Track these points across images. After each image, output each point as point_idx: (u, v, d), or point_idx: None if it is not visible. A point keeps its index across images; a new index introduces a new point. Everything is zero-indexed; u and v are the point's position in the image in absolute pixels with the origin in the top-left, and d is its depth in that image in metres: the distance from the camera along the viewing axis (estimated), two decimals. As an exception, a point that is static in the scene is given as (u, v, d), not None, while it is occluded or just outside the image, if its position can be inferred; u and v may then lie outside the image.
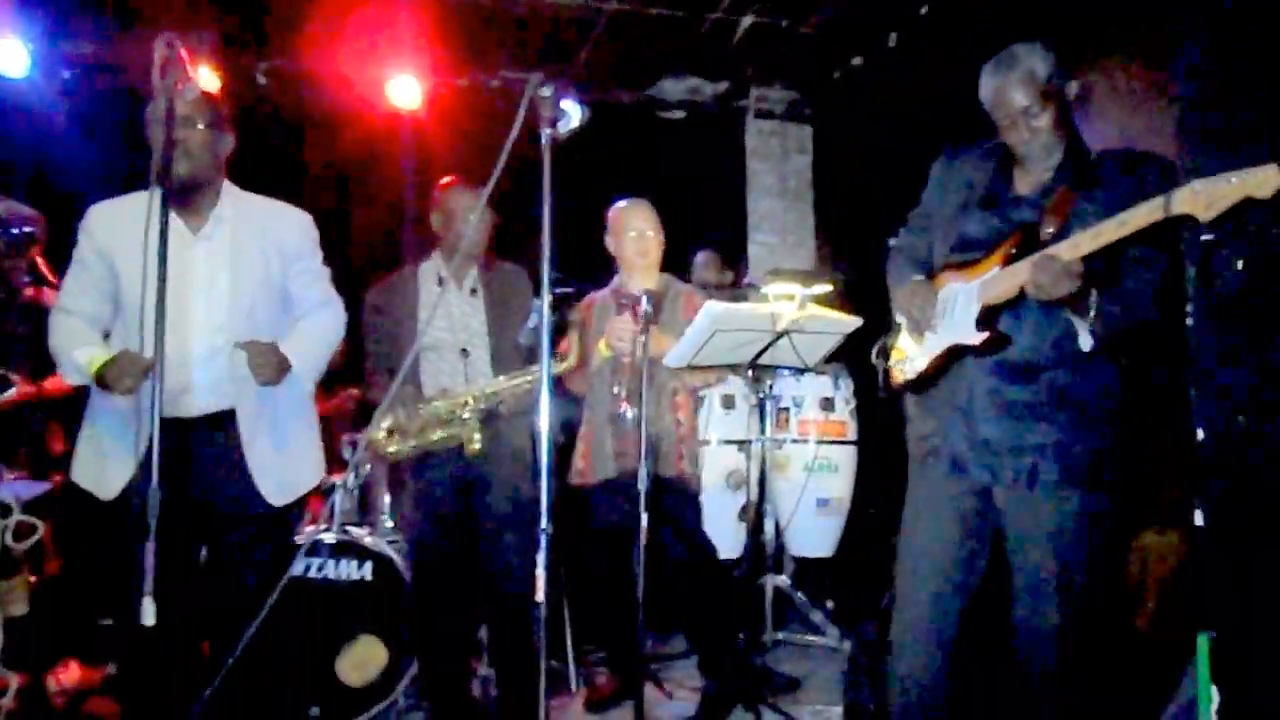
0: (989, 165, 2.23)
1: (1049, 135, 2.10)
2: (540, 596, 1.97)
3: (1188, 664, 2.05)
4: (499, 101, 4.96)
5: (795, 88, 5.56)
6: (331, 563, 3.20)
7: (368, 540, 3.29)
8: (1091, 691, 2.11)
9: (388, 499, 3.67)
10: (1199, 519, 1.77)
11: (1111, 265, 1.96)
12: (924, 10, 4.47)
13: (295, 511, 2.57)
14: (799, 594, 4.38)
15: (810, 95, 5.64)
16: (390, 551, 3.28)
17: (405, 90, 4.76)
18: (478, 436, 2.84)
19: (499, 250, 3.17)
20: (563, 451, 3.32)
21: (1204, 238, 1.87)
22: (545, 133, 2.04)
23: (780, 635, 4.23)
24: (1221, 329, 1.77)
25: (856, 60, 5.11)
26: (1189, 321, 1.81)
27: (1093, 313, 1.92)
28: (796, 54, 4.95)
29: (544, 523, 1.98)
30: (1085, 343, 1.97)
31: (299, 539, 2.72)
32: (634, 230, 3.25)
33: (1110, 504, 2.10)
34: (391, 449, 2.90)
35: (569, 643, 3.56)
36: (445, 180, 3.10)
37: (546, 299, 2.05)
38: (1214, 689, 1.72)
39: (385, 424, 2.88)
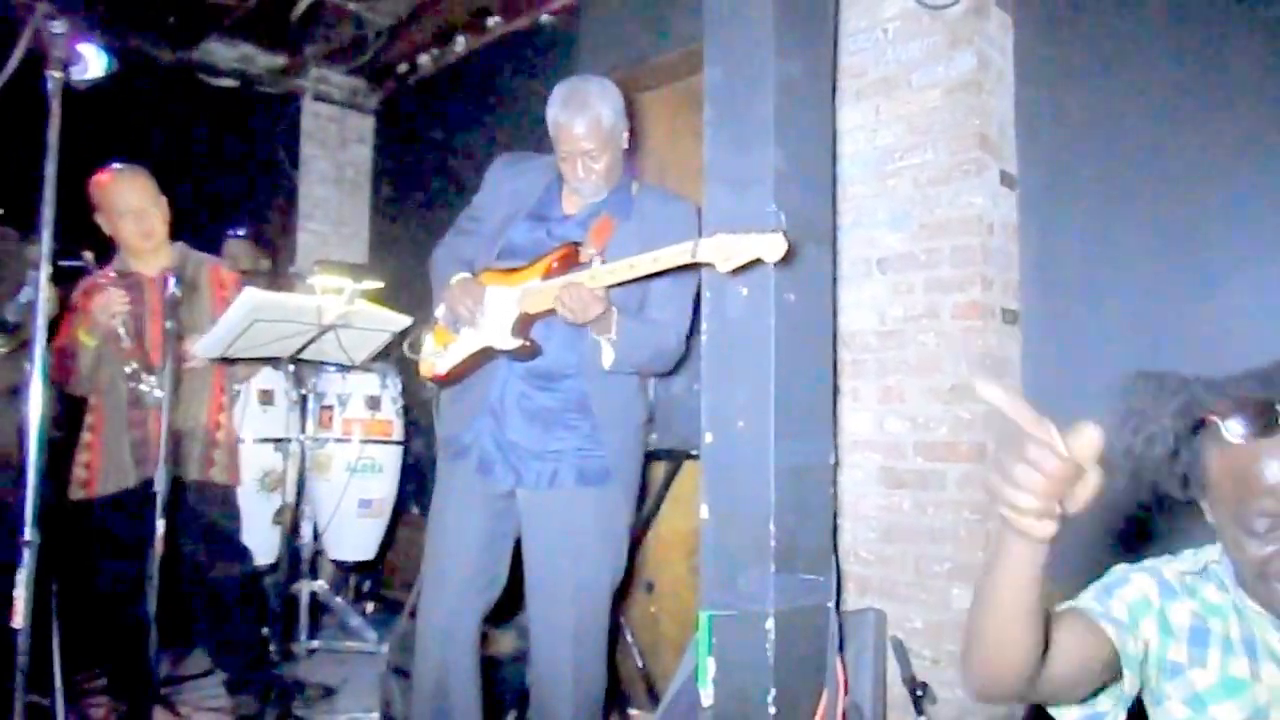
0: (543, 179, 2.33)
1: (600, 178, 2.24)
2: (20, 621, 1.68)
3: (690, 640, 2.32)
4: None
5: (358, 75, 5.38)
6: None
7: None
8: (606, 681, 2.28)
9: None
10: (704, 511, 1.99)
11: (643, 293, 2.15)
12: (491, 21, 4.60)
13: None
14: (337, 598, 4.23)
15: (373, 86, 5.50)
16: None
17: None
18: None
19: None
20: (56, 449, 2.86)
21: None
22: (53, 76, 1.75)
23: (316, 643, 4.04)
24: (726, 347, 2.02)
25: (424, 58, 5.09)
26: (703, 339, 2.04)
27: (614, 335, 2.10)
28: (362, 41, 4.80)
29: (28, 533, 1.69)
30: (606, 360, 2.14)
31: None
32: (130, 209, 2.83)
33: (624, 504, 2.28)
34: None
35: (57, 672, 3.07)
36: None
37: (45, 270, 1.75)
38: (711, 660, 1.94)
39: None
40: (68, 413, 2.94)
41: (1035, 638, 1.05)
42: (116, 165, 2.89)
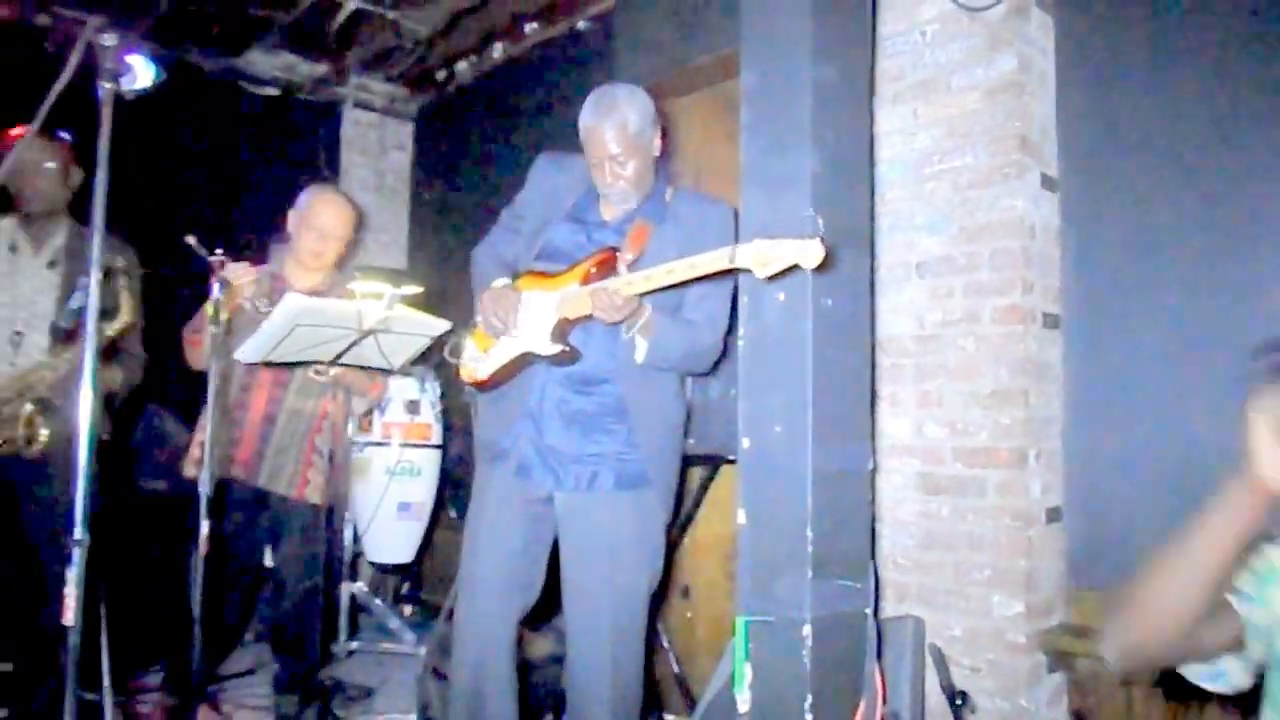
0: (583, 181, 2.34)
1: (629, 184, 2.24)
2: (70, 619, 1.72)
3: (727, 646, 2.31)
4: (47, 43, 4.26)
5: (398, 82, 5.45)
6: None
7: None
8: (643, 684, 2.28)
9: None
10: (741, 517, 1.98)
11: (680, 294, 2.16)
12: (529, 28, 4.63)
13: None
14: (376, 600, 4.28)
15: (413, 93, 5.56)
16: None
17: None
18: (44, 433, 2.42)
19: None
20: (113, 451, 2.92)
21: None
22: (104, 86, 1.79)
23: (355, 644, 4.09)
24: (763, 351, 2.01)
25: (462, 65, 5.14)
26: (740, 344, 2.04)
27: (647, 329, 2.11)
28: (401, 49, 4.85)
29: (79, 532, 1.73)
30: (639, 355, 2.14)
31: None
32: (318, 229, 2.95)
33: (661, 508, 2.28)
34: None
35: (105, 669, 3.13)
36: (16, 130, 2.62)
37: (96, 276, 1.79)
38: (748, 666, 1.93)
39: None
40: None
41: (1212, 597, 1.16)
42: (334, 189, 3.08)
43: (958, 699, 2.39)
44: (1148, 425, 2.55)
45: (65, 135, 2.67)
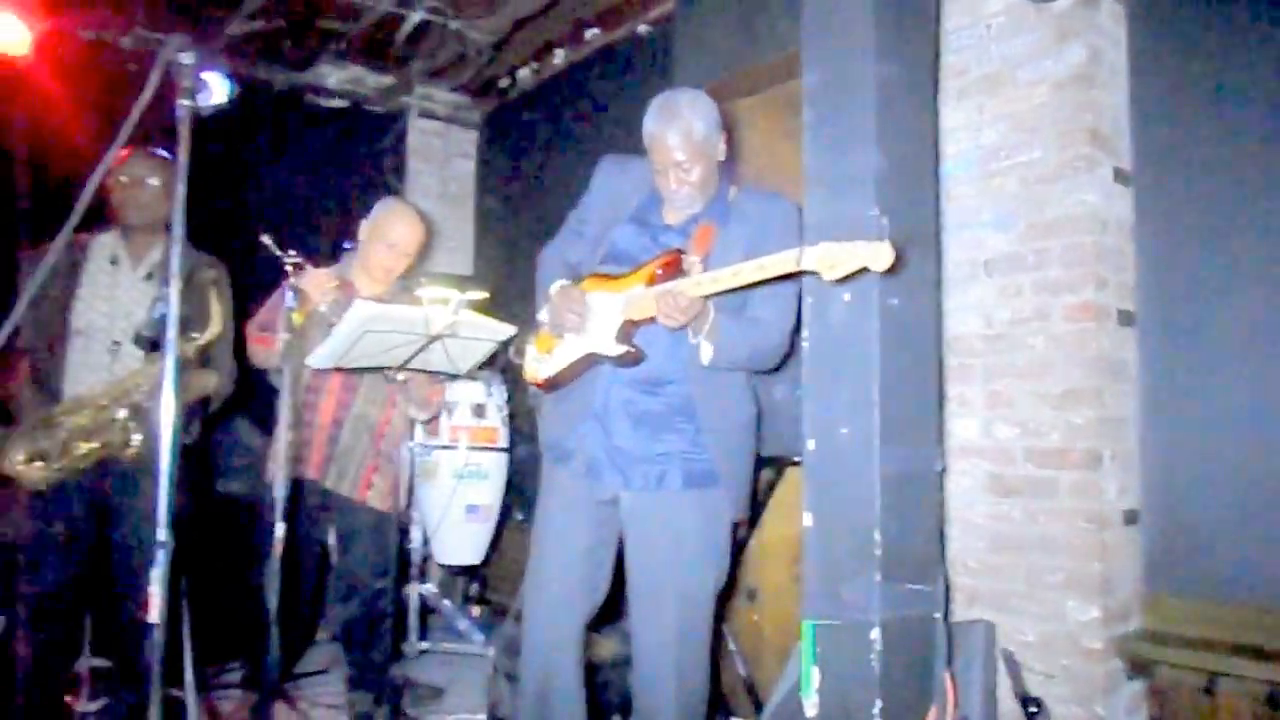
0: (647, 183, 2.34)
1: (695, 189, 2.24)
2: (155, 617, 1.78)
3: (794, 649, 2.29)
4: (130, 62, 4.43)
5: (461, 91, 5.53)
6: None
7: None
8: (709, 687, 2.28)
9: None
10: (808, 519, 1.97)
11: (745, 292, 2.15)
12: (589, 34, 4.67)
13: None
14: (445, 602, 4.34)
15: (476, 101, 5.64)
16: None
17: (8, 31, 4.07)
18: (136, 438, 2.53)
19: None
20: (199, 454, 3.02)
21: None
22: (183, 104, 1.86)
23: (425, 644, 4.16)
24: (828, 352, 2.00)
25: (524, 72, 5.20)
26: (805, 345, 2.03)
27: (711, 331, 2.10)
28: (464, 58, 4.93)
29: (163, 534, 1.79)
30: (705, 357, 2.14)
31: None
32: (389, 242, 3.01)
33: (728, 508, 2.27)
34: (36, 477, 2.54)
35: (188, 666, 3.24)
36: (124, 148, 2.74)
37: (175, 286, 1.86)
38: (815, 670, 1.92)
39: (20, 455, 2.52)
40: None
41: None
42: (408, 204, 3.10)
43: (1032, 706, 2.34)
44: (1229, 425, 2.47)
45: (166, 154, 2.76)
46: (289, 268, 2.66)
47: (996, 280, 2.77)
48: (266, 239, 2.66)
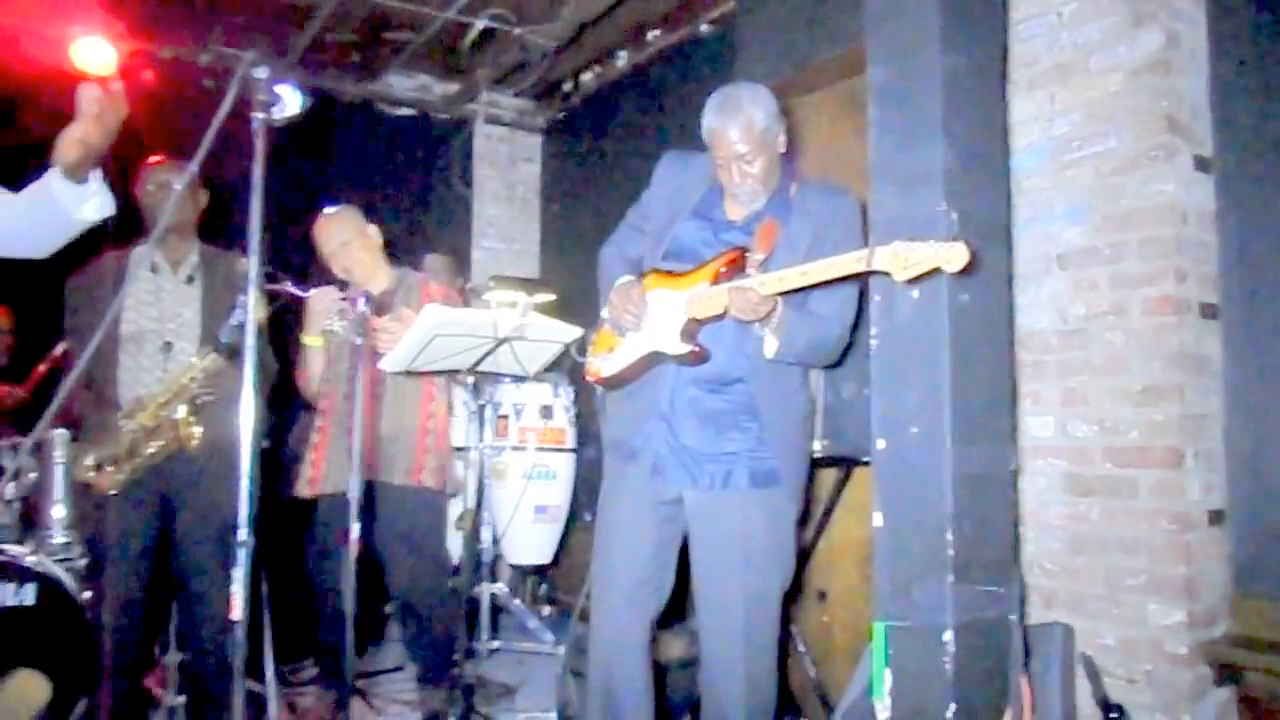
0: (707, 179, 2.33)
1: (758, 182, 2.21)
2: (237, 614, 1.83)
3: (865, 651, 2.27)
4: (207, 79, 4.58)
5: (525, 96, 5.59)
6: (-19, 586, 2.79)
7: (30, 560, 2.89)
8: (777, 688, 2.26)
9: (60, 510, 3.25)
10: (878, 520, 1.95)
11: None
12: (651, 35, 4.68)
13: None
14: (516, 601, 4.39)
15: (540, 105, 5.70)
16: (58, 571, 2.91)
17: (94, 54, 4.24)
18: (196, 430, 2.63)
19: (212, 241, 2.97)
20: (268, 456, 3.11)
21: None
22: (258, 117, 1.91)
23: (496, 643, 4.21)
24: (897, 350, 1.97)
25: (587, 76, 5.23)
26: (873, 342, 2.00)
27: (779, 325, 2.09)
28: (528, 63, 4.98)
29: (243, 534, 1.84)
30: (769, 350, 2.13)
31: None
32: (330, 247, 3.05)
33: (791, 507, 2.25)
34: (108, 482, 2.64)
35: (269, 663, 3.33)
36: (153, 159, 2.84)
37: (253, 294, 1.92)
38: (887, 672, 1.90)
39: (90, 459, 2.63)
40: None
41: None
42: (324, 211, 3.12)
43: (1113, 712, 2.28)
44: None
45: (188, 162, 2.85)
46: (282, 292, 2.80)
47: (1071, 274, 2.71)
48: (290, 285, 2.79)
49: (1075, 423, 2.68)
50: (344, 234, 3.06)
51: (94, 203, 1.91)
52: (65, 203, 1.87)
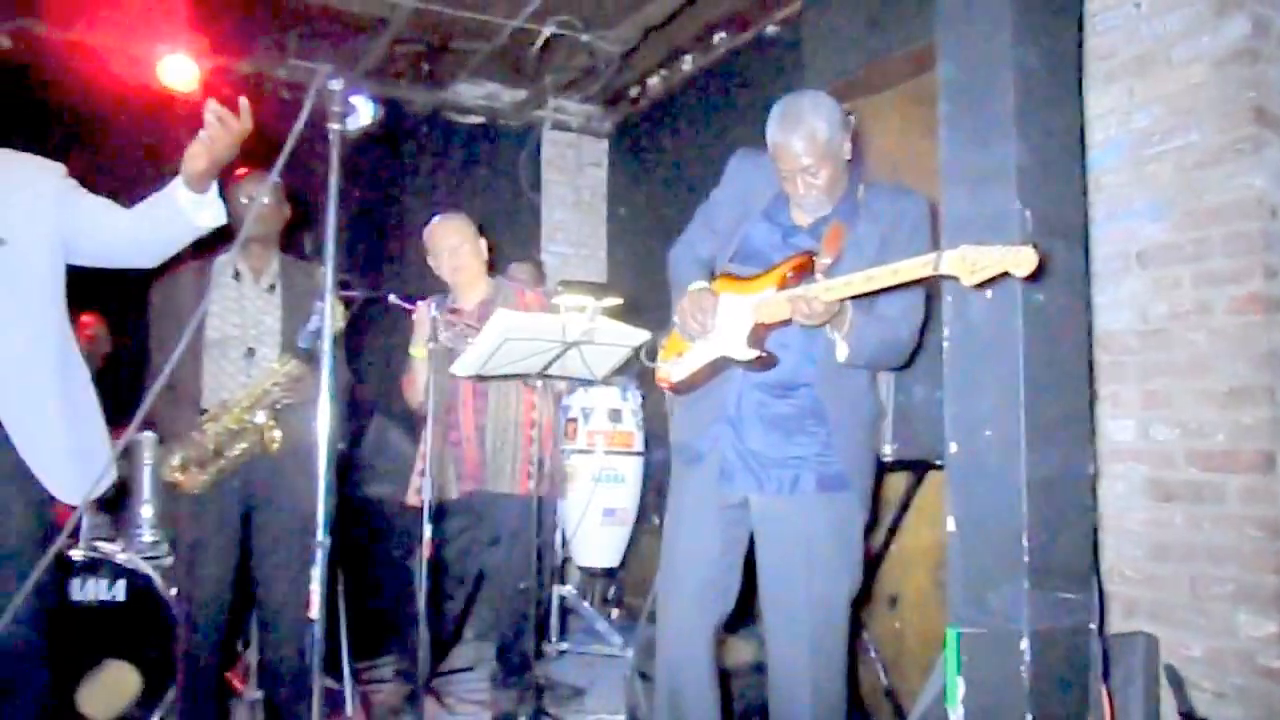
0: (775, 183, 2.30)
1: (823, 192, 2.19)
2: (315, 613, 1.88)
3: (937, 658, 2.23)
4: (284, 91, 4.71)
5: (592, 101, 5.63)
6: (76, 582, 2.91)
7: (120, 557, 3.02)
8: (846, 694, 2.24)
9: (148, 510, 3.39)
10: (950, 525, 1.92)
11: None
12: (717, 38, 4.67)
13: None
14: (585, 604, 4.42)
15: (607, 110, 5.73)
16: (147, 568, 3.02)
17: (179, 71, 4.41)
18: (277, 434, 2.73)
19: (291, 249, 3.07)
20: (344, 459, 3.20)
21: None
22: (333, 128, 1.96)
23: (565, 645, 4.25)
24: (970, 352, 1.94)
25: (653, 80, 5.25)
26: (945, 344, 1.97)
27: (849, 330, 2.07)
28: (595, 69, 5.02)
29: (320, 535, 1.89)
30: (841, 354, 2.11)
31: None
32: (443, 249, 3.21)
33: (859, 511, 2.23)
34: (192, 483, 2.73)
35: (345, 659, 3.41)
36: (239, 171, 2.95)
37: (330, 301, 1.97)
38: (960, 680, 1.86)
39: (176, 460, 2.72)
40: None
41: None
42: (441, 215, 3.30)
43: (1200, 725, 2.20)
44: None
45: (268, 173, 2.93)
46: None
47: (1151, 272, 2.63)
48: (393, 297, 2.92)
49: (1157, 426, 2.60)
50: (459, 237, 3.22)
51: (211, 211, 2.11)
52: (187, 211, 2.06)
